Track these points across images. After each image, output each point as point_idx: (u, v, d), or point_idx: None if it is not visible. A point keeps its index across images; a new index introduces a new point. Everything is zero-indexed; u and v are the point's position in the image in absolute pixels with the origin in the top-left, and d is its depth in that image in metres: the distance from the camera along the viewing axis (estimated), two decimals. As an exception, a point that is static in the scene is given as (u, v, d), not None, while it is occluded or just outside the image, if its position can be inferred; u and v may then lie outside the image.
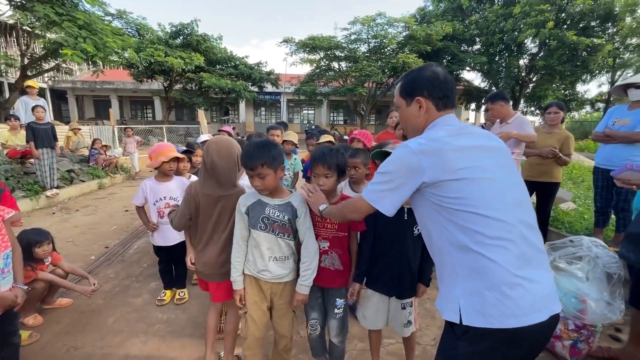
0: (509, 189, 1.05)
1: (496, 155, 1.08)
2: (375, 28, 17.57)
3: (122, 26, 15.65)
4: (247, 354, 1.70)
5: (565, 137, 3.48)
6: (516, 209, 1.02)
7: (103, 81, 21.10)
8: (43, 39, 11.32)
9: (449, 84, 1.16)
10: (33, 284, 2.33)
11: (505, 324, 0.93)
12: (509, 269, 0.95)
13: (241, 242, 1.63)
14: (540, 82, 18.46)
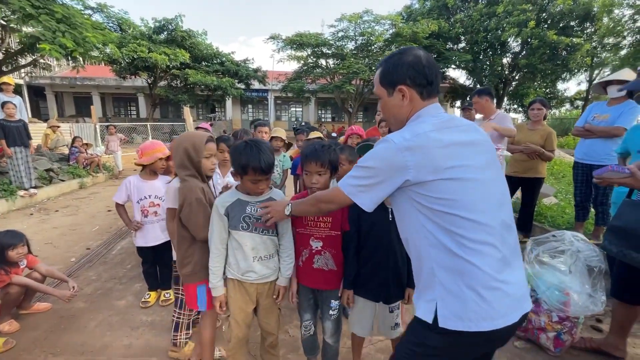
0: (493, 190, 1.02)
1: (483, 151, 1.05)
2: (362, 25, 17.60)
3: (102, 20, 15.14)
4: (230, 354, 1.66)
5: (548, 133, 3.56)
6: (499, 211, 1.01)
7: (84, 77, 20.41)
8: (19, 33, 10.84)
9: (433, 69, 1.06)
10: (7, 289, 2.24)
11: (482, 327, 0.93)
12: (489, 272, 0.94)
13: (220, 245, 1.55)
14: (523, 80, 18.93)
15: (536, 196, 3.85)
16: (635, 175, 1.49)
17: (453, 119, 1.07)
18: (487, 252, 0.95)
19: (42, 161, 6.48)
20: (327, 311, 1.70)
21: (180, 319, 1.98)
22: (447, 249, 0.96)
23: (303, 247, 1.66)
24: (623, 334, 1.96)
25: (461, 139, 1.02)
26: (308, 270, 1.66)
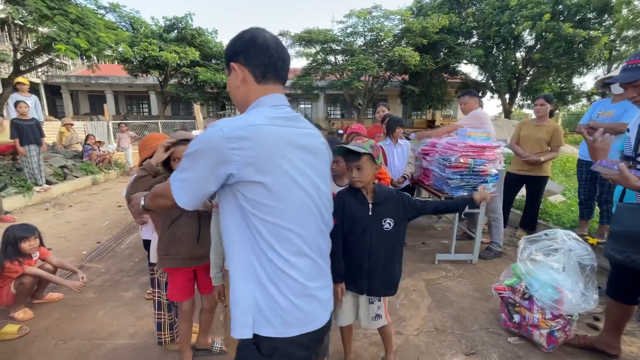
0: (316, 199, 0.98)
1: (321, 162, 1.02)
2: (371, 21, 17.42)
3: (115, 20, 15.42)
4: (228, 341, 1.73)
5: (554, 129, 3.51)
6: (317, 220, 0.99)
7: (98, 76, 20.89)
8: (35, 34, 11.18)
9: (271, 51, 0.96)
10: (21, 279, 2.37)
11: (297, 332, 0.92)
12: (303, 282, 0.93)
13: (218, 238, 1.63)
14: (537, 75, 18.44)
15: (540, 194, 3.80)
16: (623, 173, 1.48)
17: (298, 118, 1.00)
18: (302, 262, 0.93)
19: (56, 158, 6.72)
20: None
21: (162, 319, 2.02)
22: (265, 255, 0.90)
23: None
24: (617, 332, 1.95)
25: (303, 142, 0.96)
26: None
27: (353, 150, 1.58)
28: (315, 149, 1.01)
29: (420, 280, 3.03)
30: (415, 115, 26.44)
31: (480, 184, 3.06)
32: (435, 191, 3.36)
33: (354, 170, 1.62)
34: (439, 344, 2.18)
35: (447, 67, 19.06)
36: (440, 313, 2.53)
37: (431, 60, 16.95)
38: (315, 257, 0.97)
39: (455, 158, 2.93)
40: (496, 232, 3.52)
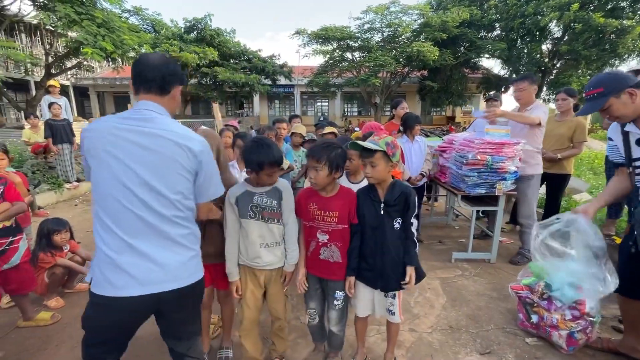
0: (137, 190, 1.15)
1: (153, 155, 1.16)
2: (388, 16, 17.16)
3: (138, 22, 16.00)
4: (242, 334, 1.80)
5: (576, 124, 3.37)
6: (136, 208, 1.15)
7: (122, 77, 21.66)
8: (65, 38, 11.76)
9: (141, 69, 1.22)
10: (53, 269, 2.53)
11: (99, 292, 1.15)
12: (109, 254, 1.14)
13: (233, 233, 1.68)
14: (565, 68, 17.59)
15: (560, 193, 3.66)
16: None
17: (147, 120, 1.19)
18: (109, 238, 1.15)
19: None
20: (332, 301, 1.78)
21: None
22: (95, 227, 1.18)
23: (311, 239, 1.75)
24: (639, 333, 1.87)
25: (137, 139, 1.15)
26: (315, 261, 1.75)
27: (366, 146, 1.60)
28: (153, 147, 1.17)
29: (436, 278, 3.00)
30: (434, 112, 25.90)
31: (498, 182, 2.98)
32: (452, 189, 3.30)
33: (368, 167, 1.63)
34: (453, 342, 2.16)
35: (468, 62, 18.52)
36: (455, 311, 2.50)
37: (451, 55, 16.54)
38: (125, 237, 1.15)
39: (472, 155, 2.87)
40: (529, 240, 3.20)
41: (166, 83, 1.25)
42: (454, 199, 4.40)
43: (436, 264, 3.29)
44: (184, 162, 1.20)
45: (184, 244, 1.24)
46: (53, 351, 2.10)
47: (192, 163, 1.22)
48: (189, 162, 1.21)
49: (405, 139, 3.53)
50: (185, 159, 1.20)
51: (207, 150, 1.28)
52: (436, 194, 5.10)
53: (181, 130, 1.23)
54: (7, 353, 2.06)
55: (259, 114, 25.35)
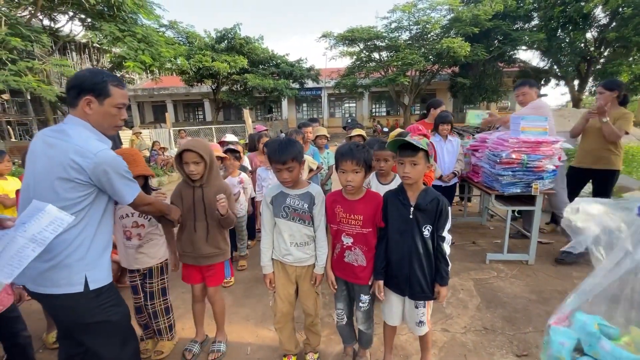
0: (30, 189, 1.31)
1: (35, 160, 1.32)
2: (416, 14, 16.85)
3: (173, 35, 16.98)
4: (277, 327, 1.90)
5: (621, 114, 3.16)
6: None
7: (160, 87, 23.11)
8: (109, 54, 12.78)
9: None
10: (109, 265, 2.79)
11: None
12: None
13: (268, 230, 1.81)
14: (613, 57, 16.22)
15: (609, 191, 3.43)
16: None
17: (52, 131, 1.35)
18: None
19: (130, 163, 7.66)
20: (358, 303, 1.82)
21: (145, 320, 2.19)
22: None
23: (336, 242, 1.79)
24: None
25: (32, 147, 1.35)
26: (340, 263, 1.79)
27: (412, 143, 1.53)
28: (34, 152, 1.34)
29: (469, 279, 2.94)
30: (467, 109, 24.97)
31: (534, 181, 2.87)
32: (485, 188, 3.22)
33: (407, 166, 1.57)
34: (487, 343, 2.12)
35: (503, 56, 17.67)
36: (490, 313, 2.44)
37: (484, 50, 15.88)
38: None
39: (506, 154, 2.79)
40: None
41: (70, 96, 1.36)
42: (488, 199, 4.27)
43: (470, 265, 3.22)
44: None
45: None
46: (110, 338, 2.33)
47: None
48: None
49: (438, 137, 3.50)
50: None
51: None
52: (469, 194, 4.95)
53: (72, 140, 1.32)
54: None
55: (287, 118, 25.83)
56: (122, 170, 1.37)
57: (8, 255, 1.04)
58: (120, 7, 10.93)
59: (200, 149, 1.87)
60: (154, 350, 2.14)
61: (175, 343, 2.23)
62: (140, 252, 2.02)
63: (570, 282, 2.82)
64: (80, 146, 1.28)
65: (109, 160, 1.32)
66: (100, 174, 1.30)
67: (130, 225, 2.00)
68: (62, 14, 12.07)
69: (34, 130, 17.77)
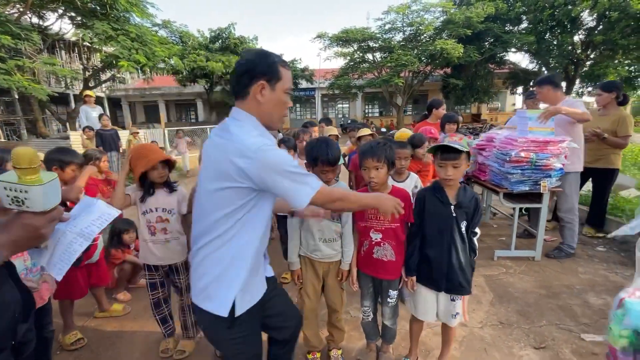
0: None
1: (205, 163, 1.23)
2: (410, 15, 17.05)
3: (167, 35, 16.77)
4: (304, 323, 1.91)
5: (620, 117, 3.29)
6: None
7: (152, 87, 22.76)
8: (101, 53, 12.55)
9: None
10: (122, 265, 2.77)
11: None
12: None
13: (296, 228, 1.83)
14: (599, 59, 16.73)
15: (607, 189, 3.56)
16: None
17: (219, 130, 1.23)
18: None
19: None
20: (386, 299, 1.85)
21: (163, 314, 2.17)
22: None
23: (364, 239, 1.81)
24: None
25: (206, 148, 1.24)
26: (368, 260, 1.81)
27: (455, 148, 1.56)
28: (205, 153, 1.24)
29: (480, 275, 3.00)
30: (459, 110, 25.35)
31: (542, 179, 2.96)
32: (492, 186, 3.29)
33: (449, 169, 1.59)
34: (505, 337, 2.18)
35: (494, 57, 18.05)
36: (504, 308, 2.51)
37: (476, 51, 16.19)
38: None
39: (515, 152, 2.86)
40: (570, 234, 3.22)
41: (242, 84, 1.17)
42: (491, 197, 4.36)
43: (479, 261, 3.27)
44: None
45: None
46: (129, 338, 2.32)
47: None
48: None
49: (442, 136, 3.56)
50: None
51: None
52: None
53: (233, 139, 1.13)
54: (89, 339, 2.29)
55: (281, 118, 25.75)
56: (290, 167, 1.11)
57: (60, 251, 1.04)
58: (113, 6, 10.76)
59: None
60: (176, 350, 2.13)
61: (197, 342, 2.22)
62: (167, 248, 2.00)
63: (576, 277, 2.92)
64: (240, 145, 1.10)
65: (270, 158, 1.09)
66: (264, 175, 1.09)
67: (154, 221, 1.96)
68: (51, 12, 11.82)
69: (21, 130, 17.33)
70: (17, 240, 0.78)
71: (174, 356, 2.09)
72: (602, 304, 2.50)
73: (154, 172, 1.89)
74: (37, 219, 0.78)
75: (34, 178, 0.77)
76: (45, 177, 0.79)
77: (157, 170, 1.89)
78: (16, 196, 0.76)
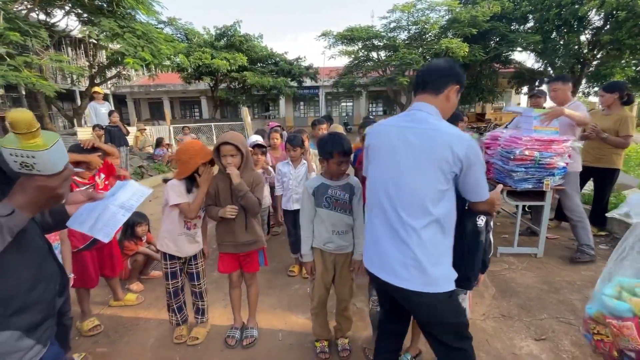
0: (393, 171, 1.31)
1: (412, 152, 1.27)
2: (415, 14, 17.01)
3: (172, 32, 16.86)
4: (314, 312, 2.00)
5: (622, 117, 3.32)
6: (383, 193, 1.33)
7: (157, 84, 22.94)
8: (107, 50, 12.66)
9: (421, 72, 1.39)
10: (135, 257, 2.87)
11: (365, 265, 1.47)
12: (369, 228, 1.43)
13: (309, 220, 1.90)
14: (606, 59, 16.63)
15: (608, 189, 3.59)
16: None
17: (411, 121, 1.32)
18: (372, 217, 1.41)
19: (135, 159, 7.65)
20: None
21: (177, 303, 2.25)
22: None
23: None
24: None
25: (401, 137, 1.30)
26: None
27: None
28: (412, 143, 1.30)
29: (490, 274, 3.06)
30: (463, 109, 25.29)
31: (546, 177, 3.01)
32: (496, 184, 3.35)
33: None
34: (506, 329, 2.25)
35: (499, 57, 17.96)
36: (506, 302, 2.58)
37: (481, 50, 16.12)
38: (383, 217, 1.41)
39: (519, 151, 2.91)
40: (584, 233, 3.15)
41: (441, 83, 1.32)
42: (494, 195, 4.41)
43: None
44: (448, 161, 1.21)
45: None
46: (144, 326, 2.41)
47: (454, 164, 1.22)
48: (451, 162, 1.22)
49: None
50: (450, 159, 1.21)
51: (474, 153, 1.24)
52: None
53: (447, 130, 1.24)
54: (106, 327, 2.39)
55: (285, 116, 25.84)
56: (482, 161, 1.28)
57: (105, 218, 1.14)
58: (120, 3, 10.87)
59: (238, 141, 1.94)
60: (190, 337, 2.22)
61: (208, 330, 2.31)
62: (195, 241, 2.15)
63: (578, 274, 2.97)
64: (452, 133, 1.23)
65: (476, 149, 1.24)
66: (472, 162, 1.22)
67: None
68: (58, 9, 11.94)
69: (28, 126, 17.54)
70: (36, 201, 0.80)
71: (188, 342, 2.19)
72: (602, 299, 2.55)
73: (204, 168, 2.02)
74: (51, 181, 0.80)
75: (36, 142, 0.76)
76: (48, 139, 0.78)
77: (206, 166, 2.03)
78: (24, 161, 0.76)
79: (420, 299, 1.27)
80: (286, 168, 3.36)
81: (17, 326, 0.81)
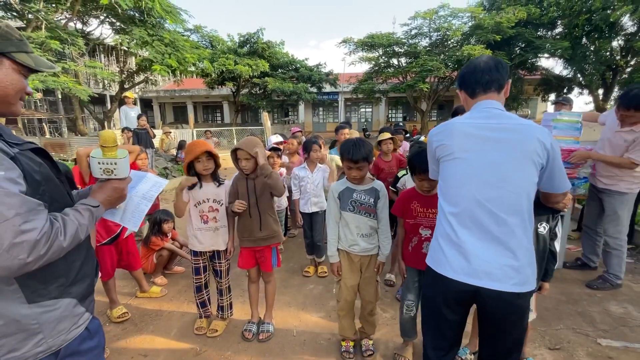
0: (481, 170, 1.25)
1: (501, 147, 1.23)
2: (437, 21, 16.90)
3: (197, 39, 17.55)
4: (340, 314, 2.07)
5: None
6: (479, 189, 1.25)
7: (181, 89, 23.82)
8: (136, 57, 13.35)
9: (473, 74, 1.35)
10: (160, 252, 3.05)
11: (440, 271, 1.30)
12: (448, 229, 1.30)
13: (334, 222, 1.97)
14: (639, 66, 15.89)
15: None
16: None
17: (489, 117, 1.29)
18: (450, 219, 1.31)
19: (160, 161, 8.02)
20: None
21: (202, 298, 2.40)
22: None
23: (412, 235, 1.92)
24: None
25: (484, 134, 1.26)
26: (417, 254, 1.89)
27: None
28: (501, 139, 1.26)
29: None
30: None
31: (565, 186, 2.95)
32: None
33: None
34: (520, 337, 2.23)
35: (524, 63, 17.48)
36: (521, 311, 2.55)
37: (505, 57, 15.77)
38: (469, 220, 1.34)
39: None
40: (617, 263, 2.84)
41: (503, 80, 1.34)
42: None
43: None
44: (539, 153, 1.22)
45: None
46: (167, 317, 2.57)
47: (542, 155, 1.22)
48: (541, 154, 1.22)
49: None
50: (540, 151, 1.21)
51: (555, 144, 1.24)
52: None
53: (529, 122, 1.26)
54: (133, 315, 2.56)
55: (304, 121, 26.15)
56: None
57: (130, 210, 1.28)
58: (150, 13, 11.47)
59: (249, 148, 2.08)
60: (209, 329, 2.35)
61: (227, 323, 2.43)
62: (217, 235, 2.25)
63: (599, 286, 2.89)
64: (535, 126, 1.25)
65: (555, 141, 1.26)
66: (556, 152, 1.24)
67: (207, 210, 2.21)
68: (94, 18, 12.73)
69: (63, 128, 18.66)
70: (111, 199, 1.08)
71: (207, 334, 2.31)
72: (623, 313, 2.49)
73: (198, 165, 2.13)
74: (121, 183, 1.10)
75: (115, 154, 1.06)
76: (122, 153, 1.08)
77: (202, 163, 2.12)
78: (107, 168, 1.06)
79: (517, 299, 1.21)
80: (303, 172, 3.48)
81: (74, 295, 0.96)
